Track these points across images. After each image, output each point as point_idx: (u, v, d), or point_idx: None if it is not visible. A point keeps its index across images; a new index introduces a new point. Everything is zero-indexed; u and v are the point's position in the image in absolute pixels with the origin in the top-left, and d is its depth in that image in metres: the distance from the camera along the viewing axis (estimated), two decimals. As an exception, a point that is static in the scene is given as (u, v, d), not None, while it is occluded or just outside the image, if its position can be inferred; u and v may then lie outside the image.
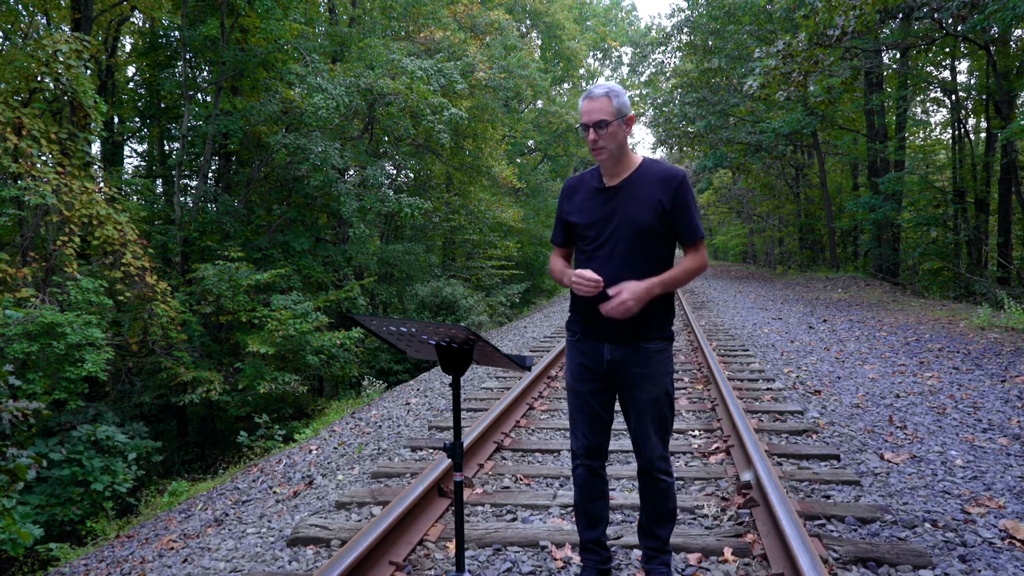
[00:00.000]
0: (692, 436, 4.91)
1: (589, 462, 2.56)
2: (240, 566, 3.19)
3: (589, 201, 2.47)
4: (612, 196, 2.43)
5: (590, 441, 2.54)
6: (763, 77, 12.75)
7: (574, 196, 2.53)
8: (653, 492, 2.54)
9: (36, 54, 9.04)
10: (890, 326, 10.13)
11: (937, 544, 2.98)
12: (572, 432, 2.59)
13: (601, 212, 2.43)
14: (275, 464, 5.81)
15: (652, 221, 2.37)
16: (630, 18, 47.77)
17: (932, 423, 4.99)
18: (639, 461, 2.54)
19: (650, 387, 2.44)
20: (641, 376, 2.43)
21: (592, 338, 2.47)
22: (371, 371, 14.50)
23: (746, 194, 36.49)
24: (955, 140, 20.69)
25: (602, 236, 2.41)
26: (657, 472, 2.51)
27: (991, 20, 11.06)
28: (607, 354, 2.44)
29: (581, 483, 2.59)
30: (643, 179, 2.42)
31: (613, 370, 2.46)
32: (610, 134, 2.35)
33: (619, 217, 2.39)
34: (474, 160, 21.29)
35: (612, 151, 2.38)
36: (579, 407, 2.54)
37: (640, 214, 2.37)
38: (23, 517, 6.83)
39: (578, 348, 2.53)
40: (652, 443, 2.48)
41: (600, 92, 2.35)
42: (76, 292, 8.96)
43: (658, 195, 2.38)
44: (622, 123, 2.37)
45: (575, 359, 2.54)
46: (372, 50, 15.69)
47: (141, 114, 18.02)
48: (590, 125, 2.35)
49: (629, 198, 2.40)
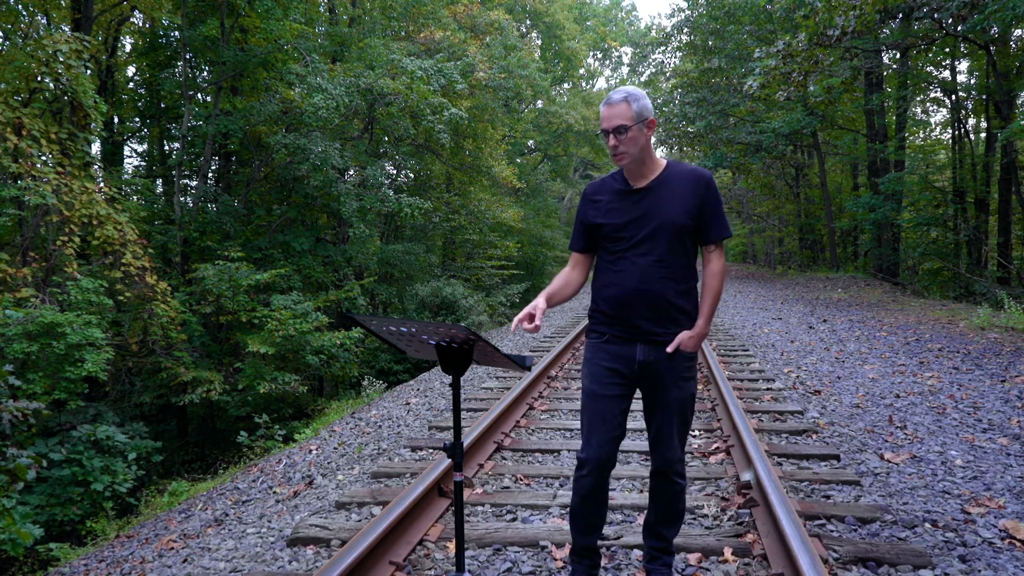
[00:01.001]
0: (692, 436, 4.92)
1: (599, 473, 2.48)
2: (240, 566, 3.19)
3: (618, 203, 2.47)
4: (643, 197, 2.44)
5: (604, 451, 2.46)
6: (763, 77, 12.74)
7: (598, 200, 2.52)
8: (667, 493, 2.54)
9: (36, 54, 9.04)
10: (890, 326, 10.13)
11: (937, 544, 2.98)
12: (586, 440, 2.49)
13: (634, 213, 2.43)
14: (275, 464, 5.81)
15: (687, 220, 2.41)
16: (630, 18, 47.76)
17: (932, 423, 4.99)
18: (657, 462, 2.52)
19: (680, 388, 2.45)
20: (673, 376, 2.44)
21: (624, 339, 2.46)
22: (371, 371, 14.50)
23: (746, 194, 36.46)
24: (955, 140, 20.68)
25: (637, 236, 2.42)
26: (674, 474, 2.51)
27: (991, 20, 11.05)
28: (640, 355, 2.44)
29: (585, 493, 2.51)
30: (672, 180, 2.44)
31: (644, 371, 2.45)
32: (630, 139, 2.36)
33: (655, 217, 2.41)
34: (474, 160, 21.28)
35: (634, 155, 2.39)
36: (599, 412, 2.47)
37: (676, 214, 2.40)
38: (23, 517, 6.83)
39: (606, 350, 2.49)
40: (673, 445, 2.49)
41: (619, 97, 2.36)
42: (76, 292, 8.96)
43: (689, 195, 2.42)
44: (643, 127, 2.38)
45: (601, 362, 2.49)
46: (372, 50, 15.69)
47: (141, 114, 18.02)
48: (610, 131, 2.35)
49: (663, 198, 2.42)
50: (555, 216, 32.98)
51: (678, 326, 2.43)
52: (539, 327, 2.33)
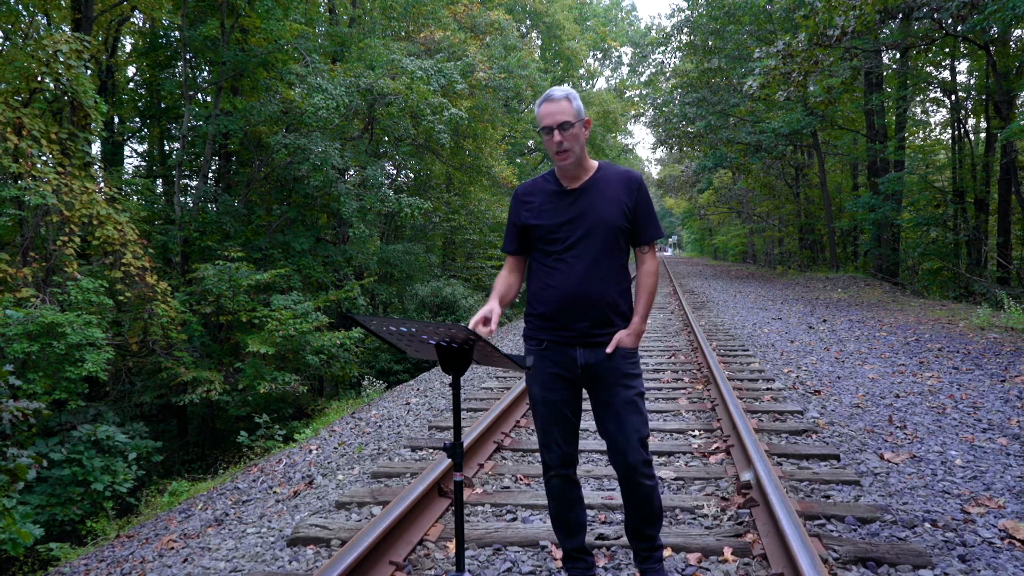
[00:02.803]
0: (692, 436, 4.91)
1: (564, 471, 2.54)
2: (240, 566, 3.19)
3: (551, 204, 2.46)
4: (577, 198, 2.44)
5: (565, 450, 2.52)
6: (763, 77, 12.74)
7: (532, 201, 2.50)
8: (638, 496, 2.49)
9: (36, 54, 9.04)
10: (890, 326, 10.13)
11: (937, 544, 2.98)
12: (544, 445, 2.54)
13: (568, 214, 2.43)
14: (275, 464, 5.81)
15: (621, 221, 2.42)
16: (630, 18, 47.79)
17: (932, 423, 5.00)
18: (621, 469, 2.46)
19: (626, 387, 2.44)
20: (617, 376, 2.43)
21: (563, 344, 2.45)
22: (371, 371, 14.51)
23: (746, 194, 36.46)
24: (955, 140, 20.68)
25: (572, 237, 2.41)
26: (641, 477, 2.46)
27: (991, 20, 11.05)
28: (581, 358, 2.44)
29: (557, 494, 2.56)
30: (605, 180, 2.46)
31: (587, 373, 2.45)
32: (573, 135, 2.37)
33: (589, 218, 2.41)
34: (474, 160, 21.29)
35: (577, 153, 2.40)
36: (552, 418, 2.50)
37: (610, 214, 2.41)
38: (23, 517, 6.83)
39: (546, 357, 2.48)
40: (633, 447, 2.42)
41: (560, 94, 2.38)
42: (76, 292, 8.96)
43: (622, 195, 2.44)
44: (582, 125, 2.40)
45: (544, 369, 2.49)
46: (372, 50, 15.70)
47: (141, 114, 18.03)
48: (554, 127, 2.35)
49: (596, 199, 2.42)
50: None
51: (615, 327, 2.44)
52: (494, 331, 2.33)
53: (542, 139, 2.45)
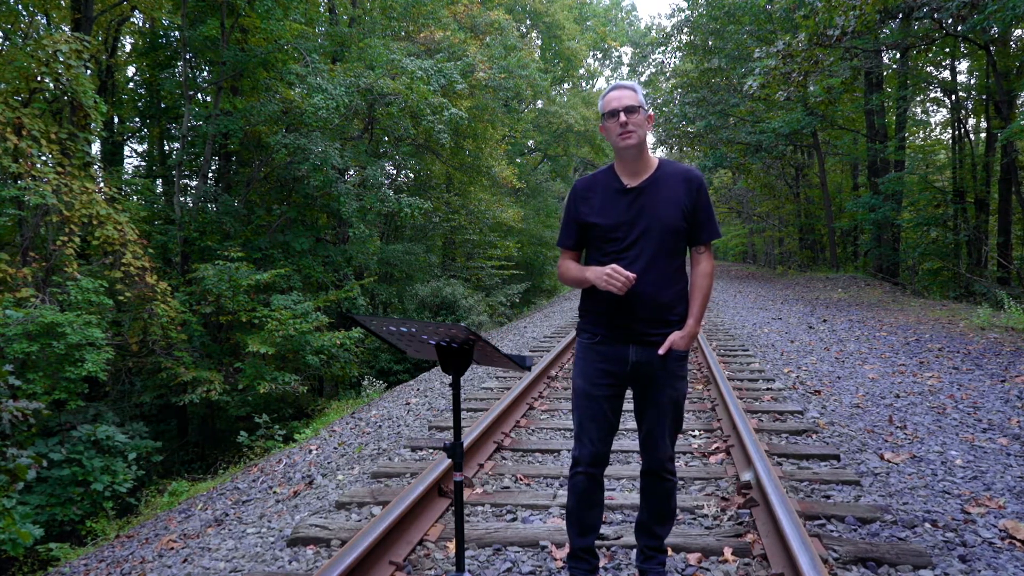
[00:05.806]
0: (692, 436, 4.91)
1: (592, 470, 2.51)
2: (240, 566, 3.19)
3: (611, 202, 2.44)
4: (637, 197, 2.41)
5: (598, 448, 2.49)
6: (763, 77, 12.73)
7: (591, 197, 2.48)
8: (659, 492, 2.55)
9: (36, 54, 9.04)
10: (890, 326, 10.13)
11: (937, 544, 2.98)
12: (579, 438, 2.52)
13: (628, 214, 2.40)
14: (275, 464, 5.81)
15: (680, 221, 2.40)
16: (630, 18, 47.76)
17: (932, 423, 4.99)
18: (648, 462, 2.53)
19: (673, 388, 2.45)
20: (666, 376, 2.43)
21: (616, 340, 2.44)
22: (371, 371, 14.51)
23: (746, 194, 36.45)
24: (955, 140, 20.67)
25: (630, 237, 2.39)
26: (665, 472, 2.52)
27: (991, 20, 11.05)
28: (633, 356, 2.43)
29: (580, 491, 2.54)
30: (665, 179, 2.43)
31: (637, 372, 2.45)
32: (639, 122, 2.37)
33: (648, 219, 2.39)
34: (474, 160, 21.28)
35: (641, 137, 2.38)
36: (592, 413, 2.49)
37: (668, 215, 2.39)
38: (23, 517, 6.83)
39: (597, 351, 2.47)
40: (665, 444, 2.49)
41: (627, 84, 2.42)
42: (76, 292, 8.96)
43: (681, 195, 2.41)
44: (646, 116, 2.41)
45: (594, 363, 2.48)
46: (372, 50, 15.69)
47: (141, 114, 18.02)
48: (620, 110, 2.35)
49: (655, 199, 2.40)
50: (555, 216, 32.98)
51: (670, 327, 2.43)
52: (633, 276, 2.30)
53: (602, 129, 2.44)
